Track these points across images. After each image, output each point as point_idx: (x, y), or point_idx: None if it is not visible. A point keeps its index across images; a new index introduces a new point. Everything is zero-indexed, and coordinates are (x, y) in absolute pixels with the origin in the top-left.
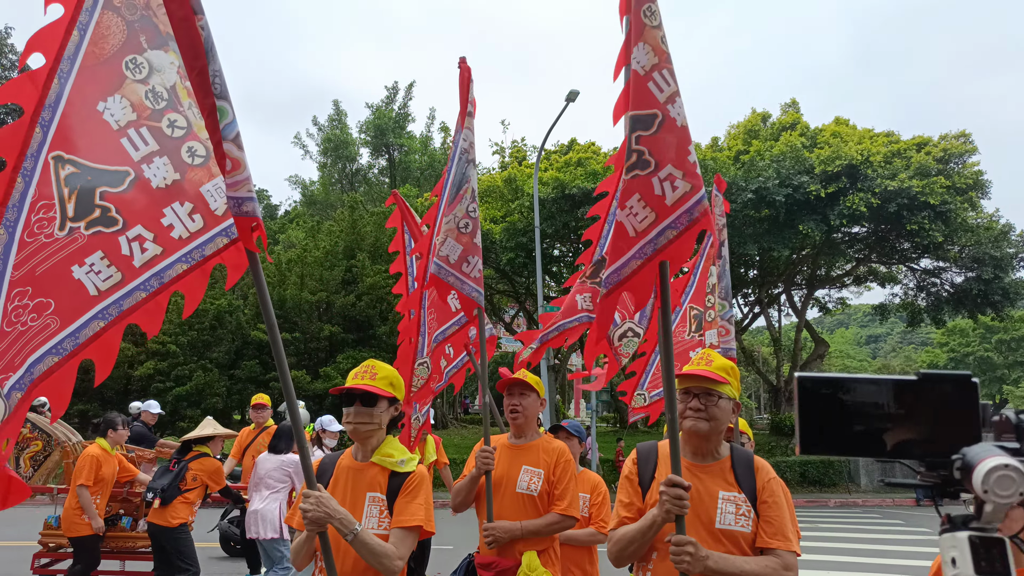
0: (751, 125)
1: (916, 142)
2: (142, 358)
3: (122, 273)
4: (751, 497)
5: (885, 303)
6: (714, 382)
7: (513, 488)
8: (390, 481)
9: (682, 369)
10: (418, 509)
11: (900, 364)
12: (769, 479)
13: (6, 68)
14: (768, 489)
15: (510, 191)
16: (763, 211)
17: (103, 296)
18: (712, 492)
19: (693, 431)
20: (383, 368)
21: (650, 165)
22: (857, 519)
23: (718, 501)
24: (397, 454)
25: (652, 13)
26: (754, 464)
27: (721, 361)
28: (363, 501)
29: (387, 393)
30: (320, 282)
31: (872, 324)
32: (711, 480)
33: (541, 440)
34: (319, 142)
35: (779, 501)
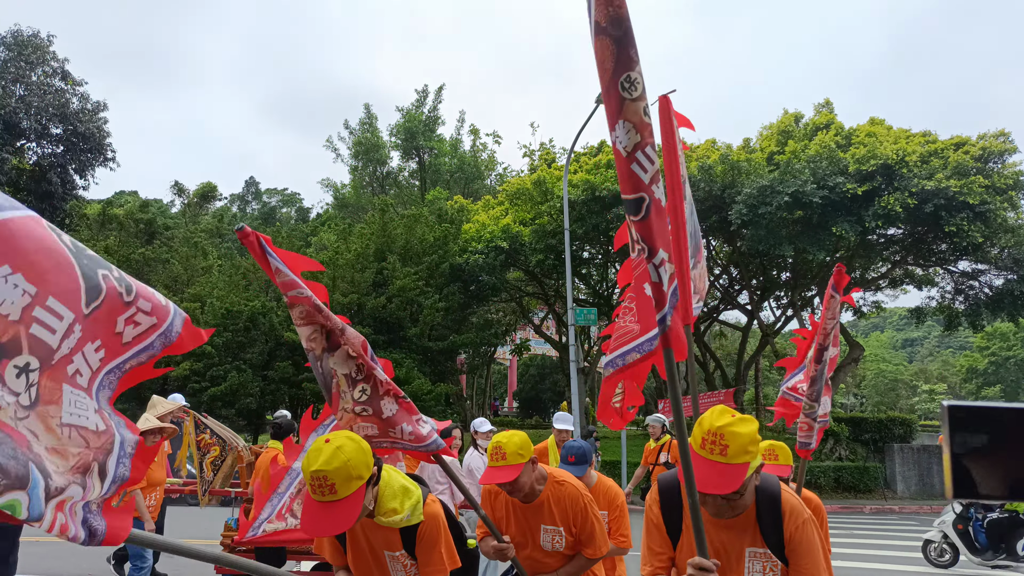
0: (784, 126)
1: (954, 142)
2: (178, 358)
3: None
4: (778, 550)
5: (921, 306)
6: (736, 491)
7: (538, 544)
8: (403, 538)
9: (691, 451)
10: (439, 559)
11: (938, 368)
12: (797, 526)
13: (48, 75)
14: (796, 539)
15: (539, 193)
16: (797, 212)
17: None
18: (738, 549)
19: (717, 514)
20: (337, 471)
21: (646, 251)
22: (894, 526)
23: (744, 559)
24: (400, 508)
25: (631, 83)
26: (782, 509)
27: (738, 443)
28: (384, 559)
29: (356, 492)
30: (351, 284)
31: (908, 328)
32: (736, 536)
33: (547, 492)
34: (350, 145)
35: (810, 547)
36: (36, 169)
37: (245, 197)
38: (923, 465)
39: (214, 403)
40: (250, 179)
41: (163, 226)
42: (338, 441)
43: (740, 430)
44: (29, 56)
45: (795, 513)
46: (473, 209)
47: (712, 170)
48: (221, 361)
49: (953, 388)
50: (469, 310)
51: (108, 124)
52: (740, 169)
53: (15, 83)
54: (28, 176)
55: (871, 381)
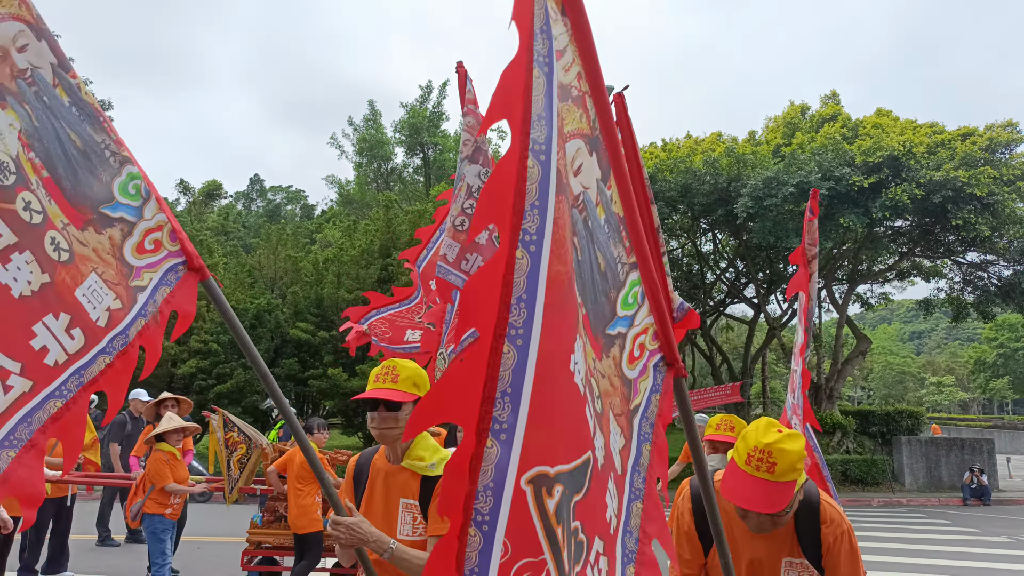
0: (790, 118)
1: (961, 132)
2: (184, 356)
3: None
4: (815, 560)
5: (929, 298)
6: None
7: None
8: (422, 486)
9: (734, 466)
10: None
11: (946, 360)
12: (836, 537)
13: None
14: (835, 550)
15: None
16: (803, 204)
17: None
18: (774, 561)
19: (758, 529)
20: (405, 368)
21: None
22: (901, 518)
23: (781, 569)
24: (428, 456)
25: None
26: (821, 519)
27: (786, 461)
28: (397, 507)
29: (411, 396)
30: (356, 280)
31: (916, 320)
32: (774, 546)
33: None
34: (355, 142)
35: (847, 559)
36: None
37: (250, 195)
38: (931, 458)
39: (220, 401)
40: (255, 176)
41: None
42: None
43: (789, 447)
44: None
45: (834, 524)
46: None
47: (717, 163)
48: (227, 359)
49: (961, 380)
50: None
51: (113, 123)
52: (746, 162)
53: None
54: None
55: (878, 374)
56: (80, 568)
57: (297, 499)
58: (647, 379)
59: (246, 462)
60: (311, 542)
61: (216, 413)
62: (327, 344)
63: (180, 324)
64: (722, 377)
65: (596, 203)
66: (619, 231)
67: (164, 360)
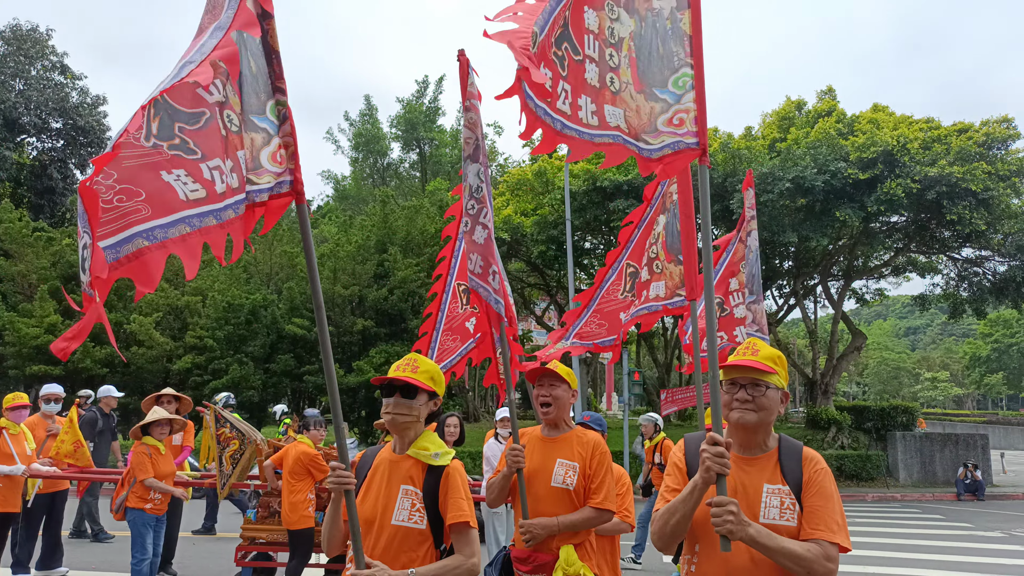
0: (785, 113)
1: (957, 128)
2: (180, 352)
3: (206, 192)
4: (796, 489)
5: (925, 294)
6: (762, 372)
7: (548, 482)
8: (425, 476)
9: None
10: (461, 504)
11: (940, 356)
12: (816, 470)
13: (47, 69)
14: (814, 481)
15: (540, 184)
16: (799, 200)
17: (191, 205)
18: (757, 486)
19: (740, 423)
20: (425, 363)
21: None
22: (896, 513)
23: (762, 495)
24: (432, 447)
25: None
26: (802, 455)
27: (768, 351)
28: (397, 492)
29: (427, 387)
30: (353, 276)
31: (911, 315)
32: (757, 473)
33: (574, 432)
34: (351, 137)
35: (825, 492)
36: (36, 164)
37: None
38: (925, 453)
39: (216, 396)
40: None
41: None
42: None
43: (769, 347)
44: (28, 50)
45: (815, 460)
46: None
47: (713, 159)
48: (223, 354)
49: (956, 376)
50: None
51: (108, 118)
52: (741, 157)
53: (14, 78)
54: (28, 171)
55: (873, 369)
56: (75, 564)
57: (290, 495)
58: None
59: (239, 458)
60: (303, 538)
61: (208, 409)
62: None
63: (267, 221)
64: None
65: (667, 17)
66: (682, 39)
67: (159, 356)
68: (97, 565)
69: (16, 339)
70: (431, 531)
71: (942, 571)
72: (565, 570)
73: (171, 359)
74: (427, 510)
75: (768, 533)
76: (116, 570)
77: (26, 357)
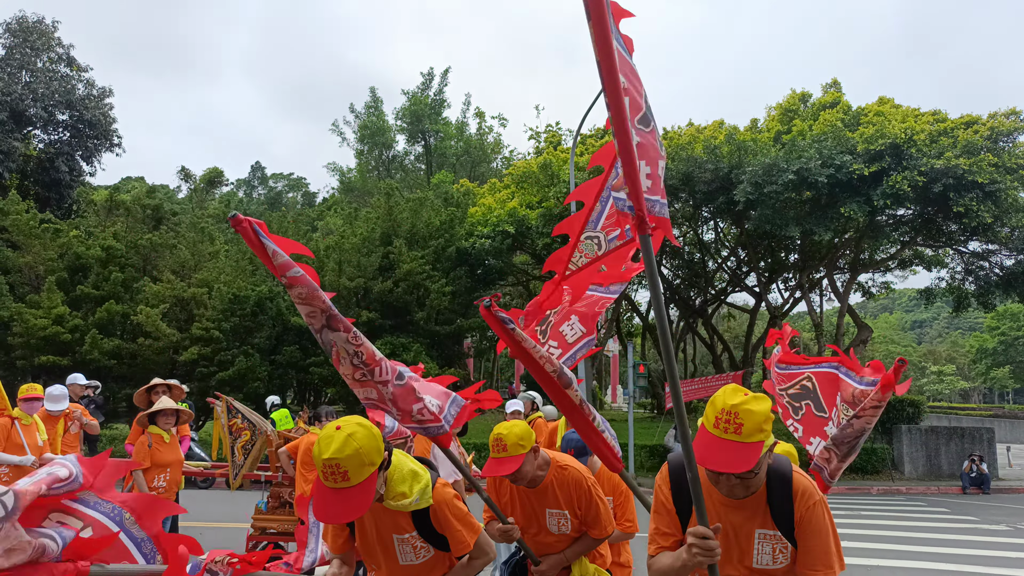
0: (790, 105)
1: (964, 121)
2: (186, 343)
3: None
4: (788, 531)
5: (931, 287)
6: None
7: (544, 528)
8: (414, 520)
9: (704, 431)
10: (459, 535)
11: (947, 350)
12: (808, 507)
13: (53, 61)
14: (806, 520)
15: (546, 176)
16: (804, 193)
17: None
18: (748, 531)
19: (730, 494)
20: (349, 458)
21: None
22: (901, 507)
23: (754, 540)
24: (409, 492)
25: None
26: (792, 490)
27: (753, 421)
28: (392, 542)
29: (369, 477)
30: (358, 268)
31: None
32: (747, 517)
33: (551, 476)
34: (356, 130)
35: (819, 529)
36: (43, 156)
37: (251, 182)
38: (931, 446)
39: (222, 388)
40: (256, 164)
41: (170, 212)
42: (349, 428)
43: (754, 408)
44: (34, 42)
45: (806, 495)
46: (479, 192)
47: (718, 151)
48: (229, 346)
49: (962, 369)
50: (476, 294)
51: (114, 110)
52: (746, 149)
53: (20, 70)
54: (35, 164)
55: None
56: None
57: (305, 485)
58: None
59: (250, 448)
60: None
61: (220, 400)
62: None
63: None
64: (723, 366)
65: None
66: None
67: (165, 347)
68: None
69: (24, 330)
70: (441, 548)
71: (947, 564)
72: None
73: (177, 350)
74: (430, 541)
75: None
76: None
77: (34, 348)
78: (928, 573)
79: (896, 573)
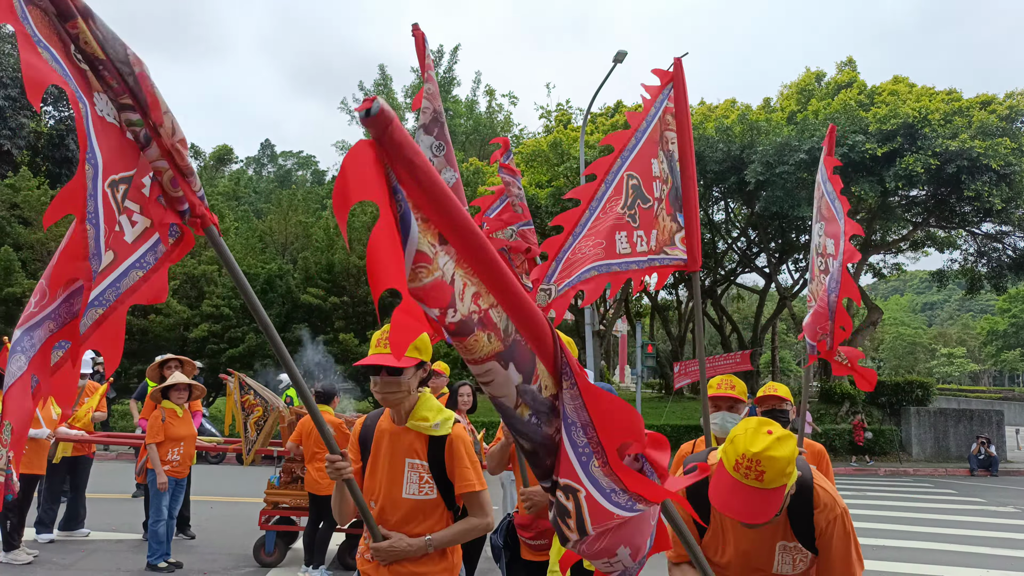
0: (805, 84)
1: (980, 100)
2: (197, 320)
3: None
4: (809, 542)
5: (943, 269)
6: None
7: None
8: (429, 447)
9: (722, 472)
10: (467, 473)
11: (958, 332)
12: (829, 522)
13: None
14: (828, 534)
15: (556, 155)
16: (815, 172)
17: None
18: (769, 545)
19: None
20: (773, 462)
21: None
22: (908, 488)
23: (775, 552)
24: (432, 416)
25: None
26: (814, 503)
27: (775, 468)
28: (403, 467)
29: (411, 361)
30: (367, 246)
31: (929, 291)
32: (767, 531)
33: None
34: None
35: (840, 542)
36: (53, 133)
37: (261, 160)
38: (939, 428)
39: (232, 365)
40: (265, 142)
41: None
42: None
43: (777, 455)
44: None
45: (827, 508)
46: (489, 171)
47: (730, 130)
48: (239, 323)
49: (972, 352)
50: None
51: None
52: (759, 129)
53: None
54: (47, 140)
55: (889, 344)
56: (96, 525)
57: (316, 462)
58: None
59: (263, 424)
60: (328, 503)
61: (232, 376)
62: (338, 309)
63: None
64: (732, 346)
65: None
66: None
67: (176, 324)
68: (118, 527)
69: None
70: (442, 498)
71: (953, 545)
72: None
73: (188, 327)
74: (436, 480)
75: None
76: (136, 532)
77: None
78: (934, 554)
79: (902, 554)
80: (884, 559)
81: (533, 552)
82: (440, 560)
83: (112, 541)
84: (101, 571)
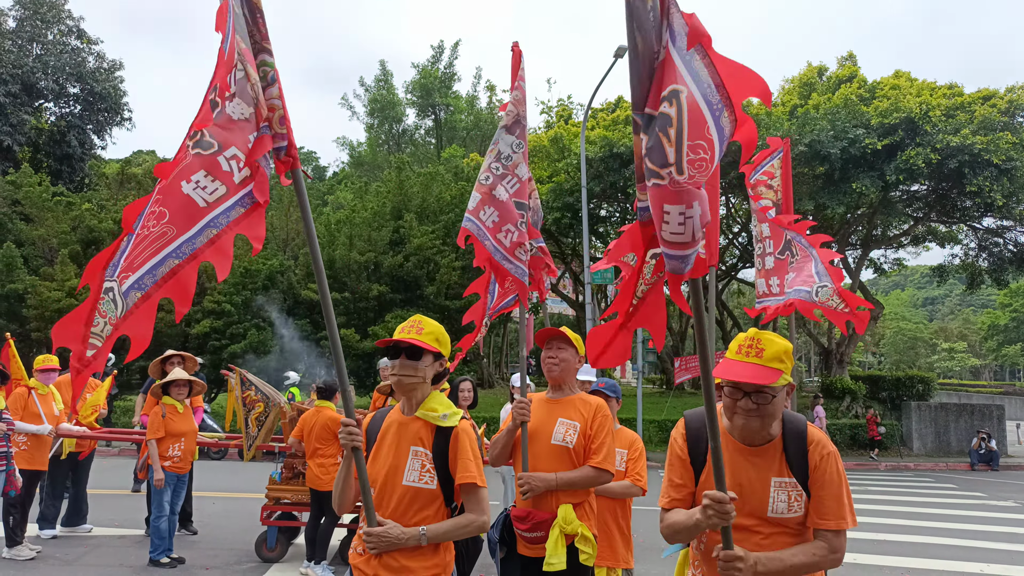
0: (807, 79)
1: (981, 95)
2: (198, 316)
3: (226, 187)
4: (803, 479)
5: (944, 264)
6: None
7: (548, 440)
8: (435, 437)
9: (727, 359)
10: (469, 464)
11: (958, 327)
12: (822, 457)
13: (64, 34)
14: (820, 469)
15: (556, 150)
16: (817, 167)
17: (213, 207)
18: (764, 479)
19: (745, 428)
20: (430, 324)
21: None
22: (908, 483)
23: (770, 489)
24: (440, 408)
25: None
26: (807, 439)
27: (774, 348)
28: (407, 454)
29: (433, 348)
30: (368, 243)
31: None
32: (764, 465)
33: (579, 395)
34: (366, 103)
35: (832, 479)
36: (54, 130)
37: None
38: (940, 423)
39: (234, 360)
40: None
41: None
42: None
43: (775, 339)
44: (45, 15)
45: (821, 444)
46: None
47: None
48: (240, 319)
49: (973, 346)
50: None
51: (124, 83)
52: (760, 123)
53: (31, 42)
54: (47, 137)
55: (890, 339)
56: (99, 521)
57: (319, 458)
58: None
59: (264, 420)
60: (330, 498)
61: (234, 372)
62: (339, 306)
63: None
64: None
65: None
66: None
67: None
68: (120, 523)
69: (38, 303)
70: (441, 490)
71: (954, 539)
72: (563, 528)
73: (189, 323)
74: (437, 470)
75: (772, 558)
76: (139, 527)
77: (48, 320)
78: (935, 548)
79: (903, 548)
80: (885, 553)
81: (529, 547)
82: (432, 555)
83: (114, 537)
84: (104, 567)
